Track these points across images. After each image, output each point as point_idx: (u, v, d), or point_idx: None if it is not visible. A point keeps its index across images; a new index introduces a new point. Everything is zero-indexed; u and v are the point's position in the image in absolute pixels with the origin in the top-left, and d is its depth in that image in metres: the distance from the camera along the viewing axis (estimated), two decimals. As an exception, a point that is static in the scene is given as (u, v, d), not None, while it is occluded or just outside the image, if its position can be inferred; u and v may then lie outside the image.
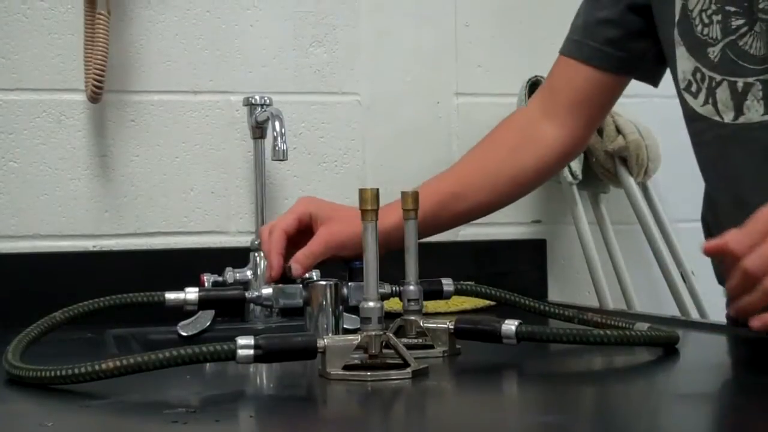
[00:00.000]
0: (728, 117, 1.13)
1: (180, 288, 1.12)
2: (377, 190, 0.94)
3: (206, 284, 1.27)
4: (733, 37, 1.11)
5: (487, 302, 1.42)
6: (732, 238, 0.91)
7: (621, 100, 1.50)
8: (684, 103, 1.19)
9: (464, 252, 1.68)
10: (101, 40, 1.45)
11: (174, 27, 1.57)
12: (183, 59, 1.57)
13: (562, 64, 1.31)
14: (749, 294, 0.90)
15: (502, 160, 1.31)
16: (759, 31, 1.08)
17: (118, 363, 0.86)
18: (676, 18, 1.17)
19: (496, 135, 1.34)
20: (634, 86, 1.34)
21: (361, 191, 0.93)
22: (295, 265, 1.17)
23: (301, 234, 1.21)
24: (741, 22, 1.10)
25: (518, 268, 1.69)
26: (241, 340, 0.88)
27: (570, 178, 1.68)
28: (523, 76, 1.66)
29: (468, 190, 1.29)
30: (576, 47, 1.29)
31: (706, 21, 1.13)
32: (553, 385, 0.95)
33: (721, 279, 1.24)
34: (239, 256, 1.46)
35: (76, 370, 0.87)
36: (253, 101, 1.52)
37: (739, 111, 1.12)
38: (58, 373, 0.88)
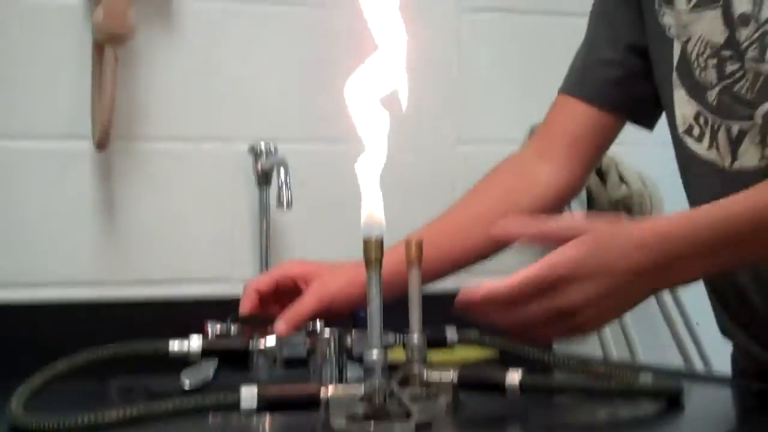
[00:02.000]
0: (727, 162, 1.13)
1: (184, 336, 1.12)
2: (381, 239, 0.94)
3: (210, 333, 1.27)
4: (728, 82, 1.12)
5: (491, 352, 1.41)
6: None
7: (624, 148, 1.51)
8: (682, 147, 1.18)
9: (468, 300, 1.67)
10: (108, 87, 1.46)
11: (181, 74, 1.59)
12: (190, 106, 1.59)
13: (560, 104, 1.30)
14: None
15: (497, 203, 1.29)
16: (750, 78, 1.09)
17: (121, 413, 0.86)
18: (675, 61, 1.17)
19: (490, 178, 1.33)
20: (637, 135, 1.34)
21: (365, 240, 0.93)
22: (279, 323, 1.15)
23: (279, 295, 1.21)
24: (736, 66, 1.11)
25: (522, 316, 1.69)
26: (245, 390, 0.88)
27: (574, 226, 1.68)
28: (527, 122, 1.67)
29: (460, 235, 1.27)
30: (576, 85, 1.28)
31: (703, 65, 1.14)
32: (557, 437, 0.95)
33: (725, 330, 1.23)
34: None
35: (79, 421, 0.87)
36: (258, 149, 1.53)
37: (734, 156, 1.12)
38: (61, 423, 0.87)
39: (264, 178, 1.54)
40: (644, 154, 1.73)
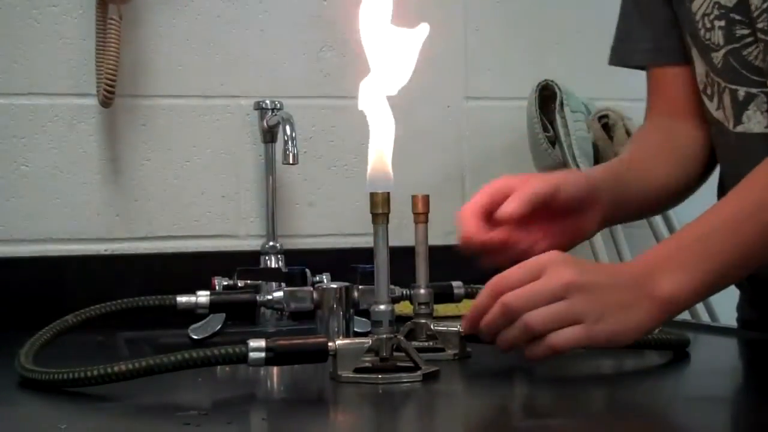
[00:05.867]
0: (730, 124, 1.12)
1: (191, 291, 1.13)
2: (388, 193, 0.94)
3: (217, 287, 1.27)
4: (736, 45, 1.10)
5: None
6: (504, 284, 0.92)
7: (631, 103, 1.50)
8: (704, 105, 1.17)
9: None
10: (113, 45, 1.46)
11: (185, 32, 1.58)
12: (194, 64, 1.58)
13: (657, 77, 1.23)
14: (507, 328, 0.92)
15: (666, 157, 1.20)
16: (762, 47, 1.07)
17: (130, 366, 0.87)
18: (686, 19, 1.16)
19: (641, 143, 1.24)
20: (644, 89, 1.34)
21: (372, 195, 0.93)
22: (508, 202, 1.03)
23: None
24: (746, 31, 1.09)
25: (528, 271, 1.69)
26: (253, 343, 0.89)
27: (580, 181, 1.68)
28: (533, 79, 1.66)
29: (644, 167, 1.17)
30: (661, 55, 1.21)
31: (708, 26, 1.12)
32: (563, 389, 0.95)
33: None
34: (250, 260, 1.46)
35: (89, 373, 0.87)
36: (263, 105, 1.53)
37: (738, 120, 1.11)
38: (71, 375, 0.88)
39: (269, 135, 1.53)
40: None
